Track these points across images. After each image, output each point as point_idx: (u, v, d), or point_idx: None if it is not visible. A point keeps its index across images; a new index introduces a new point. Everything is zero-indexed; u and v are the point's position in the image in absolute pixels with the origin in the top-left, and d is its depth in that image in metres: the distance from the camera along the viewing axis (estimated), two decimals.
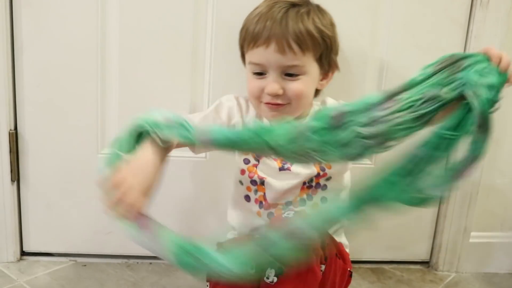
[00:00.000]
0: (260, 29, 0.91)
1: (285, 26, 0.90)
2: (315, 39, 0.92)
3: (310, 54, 0.93)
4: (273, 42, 0.90)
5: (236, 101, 1.04)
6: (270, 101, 0.94)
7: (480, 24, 1.23)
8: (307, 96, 0.96)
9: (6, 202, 1.23)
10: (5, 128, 1.19)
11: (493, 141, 1.29)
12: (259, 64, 0.94)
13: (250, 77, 0.97)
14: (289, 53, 0.90)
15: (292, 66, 0.92)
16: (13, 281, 1.19)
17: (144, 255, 1.32)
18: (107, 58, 1.19)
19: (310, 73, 0.95)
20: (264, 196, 1.00)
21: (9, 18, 1.14)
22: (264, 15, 0.92)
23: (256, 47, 0.93)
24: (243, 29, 0.98)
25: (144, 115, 0.84)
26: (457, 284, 1.33)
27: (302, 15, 0.92)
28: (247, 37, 0.95)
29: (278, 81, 0.93)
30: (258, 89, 0.95)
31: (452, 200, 1.33)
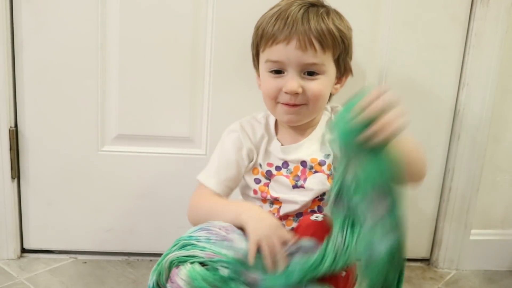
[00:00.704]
0: (280, 26, 0.90)
1: (307, 23, 0.89)
2: (335, 38, 0.91)
3: (329, 54, 0.92)
4: (294, 39, 0.89)
5: (239, 128, 1.00)
6: (288, 101, 0.92)
7: (481, 22, 1.23)
8: (324, 97, 0.95)
9: (7, 199, 1.23)
10: (6, 126, 1.19)
11: (494, 138, 1.31)
12: (278, 61, 0.91)
13: (266, 76, 0.95)
14: (310, 50, 0.89)
15: (312, 64, 0.90)
16: (14, 278, 1.19)
17: (144, 253, 1.32)
18: (107, 56, 1.19)
19: (329, 73, 0.93)
20: (278, 209, 0.98)
21: (9, 15, 1.14)
22: (284, 12, 0.91)
23: (275, 44, 0.90)
24: (259, 27, 0.95)
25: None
26: (457, 281, 1.33)
27: (322, 14, 0.91)
28: (266, 35, 0.92)
29: (297, 79, 0.91)
30: (275, 88, 0.92)
31: (452, 197, 1.33)
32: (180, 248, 0.84)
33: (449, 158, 1.32)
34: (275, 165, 0.99)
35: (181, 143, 1.26)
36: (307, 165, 0.97)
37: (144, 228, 1.30)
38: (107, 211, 1.28)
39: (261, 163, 0.99)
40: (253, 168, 1.00)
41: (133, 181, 1.27)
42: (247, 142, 0.99)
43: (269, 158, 0.99)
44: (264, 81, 0.96)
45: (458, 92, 1.28)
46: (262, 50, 0.94)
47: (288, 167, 0.98)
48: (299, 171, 0.97)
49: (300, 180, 0.97)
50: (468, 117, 1.28)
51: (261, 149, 1.00)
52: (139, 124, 1.24)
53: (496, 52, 1.24)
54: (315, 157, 0.97)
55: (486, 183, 1.34)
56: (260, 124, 1.02)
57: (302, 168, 0.97)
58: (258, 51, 0.97)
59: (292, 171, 0.98)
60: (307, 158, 0.97)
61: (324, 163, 0.97)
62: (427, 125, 1.30)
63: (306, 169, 0.97)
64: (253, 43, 0.98)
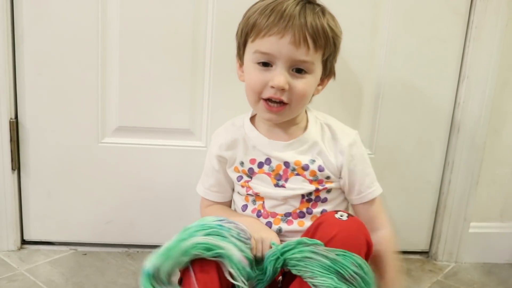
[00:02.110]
0: (276, 18, 0.87)
1: (304, 19, 0.87)
2: (328, 39, 0.89)
3: (320, 53, 0.90)
4: (289, 33, 0.86)
5: (217, 134, 1.04)
6: (273, 95, 0.89)
7: (481, 15, 1.23)
8: (307, 97, 0.93)
9: (7, 190, 1.23)
10: (6, 117, 1.19)
11: (494, 131, 1.31)
12: (269, 54, 0.88)
13: (252, 68, 0.91)
14: (304, 47, 0.87)
15: (302, 62, 0.88)
16: (14, 270, 1.19)
17: (144, 244, 1.32)
18: (107, 47, 1.19)
19: (315, 73, 0.92)
20: (263, 205, 0.99)
21: (9, 6, 1.14)
22: (279, 5, 0.88)
23: (268, 36, 0.87)
24: (251, 16, 0.91)
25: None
26: (456, 274, 1.33)
27: (318, 12, 0.89)
28: (258, 25, 0.88)
29: (285, 75, 0.88)
30: (261, 82, 0.90)
31: (452, 190, 1.33)
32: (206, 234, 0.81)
33: (448, 151, 1.33)
34: (258, 161, 0.98)
35: (181, 135, 1.26)
36: (290, 166, 0.96)
37: (144, 220, 1.30)
38: (107, 203, 1.28)
39: (243, 161, 0.99)
40: (234, 166, 1.00)
41: (133, 173, 1.27)
42: (222, 149, 1.00)
43: (252, 154, 0.98)
44: (249, 73, 0.93)
45: (458, 85, 1.28)
46: (251, 40, 0.91)
47: (270, 164, 0.97)
48: (281, 170, 0.97)
49: (281, 179, 0.97)
50: (467, 110, 1.28)
51: (240, 149, 0.99)
52: (140, 116, 1.24)
53: (496, 45, 1.24)
54: (299, 160, 0.96)
55: (486, 176, 1.35)
56: (234, 127, 1.02)
57: (284, 168, 0.97)
58: (246, 41, 0.93)
59: (274, 169, 0.97)
60: (291, 159, 0.96)
61: (307, 167, 0.95)
62: (427, 118, 1.30)
63: (288, 170, 0.96)
64: (241, 32, 0.94)
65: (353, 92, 1.27)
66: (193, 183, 1.09)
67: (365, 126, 1.29)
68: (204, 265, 0.81)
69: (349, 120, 1.27)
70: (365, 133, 1.29)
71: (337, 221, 0.84)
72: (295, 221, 0.98)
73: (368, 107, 1.28)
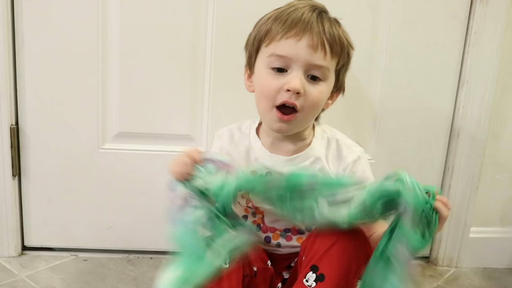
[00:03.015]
0: (294, 21, 0.85)
1: (321, 24, 0.86)
2: (343, 47, 0.89)
3: (335, 61, 0.89)
4: (307, 36, 0.85)
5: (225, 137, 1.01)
6: (288, 99, 0.86)
7: (480, 20, 1.23)
8: (319, 107, 0.91)
9: (7, 197, 1.23)
10: (7, 123, 1.19)
11: (493, 136, 1.31)
12: (285, 57, 0.86)
13: (266, 73, 0.89)
14: (321, 52, 0.85)
15: (319, 67, 0.86)
16: (15, 276, 1.19)
17: (144, 250, 1.32)
18: (108, 53, 1.20)
19: (329, 81, 0.90)
20: (262, 219, 0.98)
21: (10, 12, 1.14)
22: (297, 10, 0.87)
23: (286, 38, 0.85)
24: (264, 23, 0.89)
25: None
26: (456, 279, 1.33)
27: (334, 22, 0.89)
28: (275, 28, 0.86)
29: (301, 78, 0.86)
30: (275, 87, 0.87)
31: (452, 195, 1.33)
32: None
33: (448, 156, 1.33)
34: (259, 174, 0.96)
35: (181, 141, 1.26)
36: None
37: (144, 226, 1.30)
38: (108, 208, 1.29)
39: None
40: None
41: (133, 178, 1.27)
42: (223, 152, 0.98)
43: (254, 166, 0.96)
44: (263, 78, 0.90)
45: (457, 90, 1.29)
46: (266, 44, 0.88)
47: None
48: None
49: None
50: (467, 115, 1.28)
51: (242, 157, 0.97)
52: (140, 122, 1.25)
53: (495, 50, 1.25)
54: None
55: (486, 181, 1.35)
56: (240, 134, 1.00)
57: None
58: (259, 47, 0.91)
59: None
60: None
61: None
62: (427, 123, 1.30)
63: None
64: (254, 39, 0.92)
65: (353, 98, 1.27)
66: None
67: (365, 131, 1.29)
68: None
69: (349, 126, 1.28)
70: (365, 138, 1.29)
71: (336, 230, 0.82)
72: (294, 237, 0.97)
73: (367, 112, 1.28)
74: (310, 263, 0.82)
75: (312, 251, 0.83)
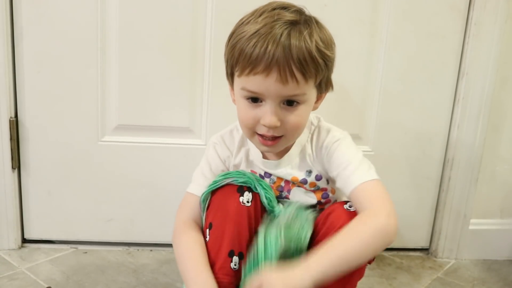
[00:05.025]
0: (260, 53, 0.80)
1: (289, 52, 0.79)
2: (318, 65, 0.83)
3: (312, 81, 0.84)
4: (274, 71, 0.80)
5: (220, 140, 1.00)
6: (266, 133, 0.86)
7: (480, 11, 1.23)
8: (303, 126, 0.89)
9: (7, 189, 1.23)
10: (6, 116, 1.19)
11: (493, 128, 1.31)
12: (256, 92, 0.83)
13: (242, 103, 0.87)
14: (292, 83, 0.81)
15: (293, 95, 0.83)
16: (15, 268, 1.19)
17: (144, 242, 1.32)
18: (107, 46, 1.19)
19: (309, 101, 0.87)
20: None
21: (9, 4, 1.14)
22: (264, 36, 0.80)
23: (253, 75, 0.81)
24: (235, 47, 0.84)
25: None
26: (456, 270, 1.33)
27: (305, 37, 0.81)
28: (243, 60, 0.82)
29: (276, 112, 0.84)
30: (252, 119, 0.86)
31: (451, 187, 1.33)
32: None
33: (448, 148, 1.33)
34: (258, 173, 0.97)
35: (181, 133, 1.26)
36: (290, 181, 0.96)
37: (144, 218, 1.30)
38: (108, 201, 1.29)
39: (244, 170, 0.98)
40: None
41: (133, 171, 1.27)
42: (226, 152, 0.99)
43: (252, 166, 0.98)
44: (240, 107, 0.89)
45: (457, 82, 1.28)
46: (238, 75, 0.85)
47: (271, 177, 0.97)
48: (282, 182, 0.96)
49: (284, 191, 0.96)
50: (467, 106, 1.28)
51: (242, 157, 0.98)
52: (139, 115, 1.24)
53: (495, 42, 1.24)
54: (295, 176, 0.94)
55: (485, 173, 1.35)
56: (238, 133, 1.00)
57: (285, 180, 0.96)
58: (232, 72, 0.88)
59: (275, 181, 0.96)
60: (288, 177, 0.95)
61: (305, 181, 0.94)
62: (427, 115, 1.30)
63: (290, 182, 0.96)
64: (228, 62, 0.88)
65: (352, 89, 1.27)
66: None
67: (365, 122, 1.29)
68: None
69: (349, 117, 1.28)
70: (365, 129, 1.29)
71: (345, 212, 0.84)
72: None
73: (367, 103, 1.28)
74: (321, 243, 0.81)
75: (321, 233, 0.85)
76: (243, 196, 0.88)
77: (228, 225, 0.87)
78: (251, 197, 0.88)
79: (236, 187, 0.89)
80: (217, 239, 0.87)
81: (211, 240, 0.88)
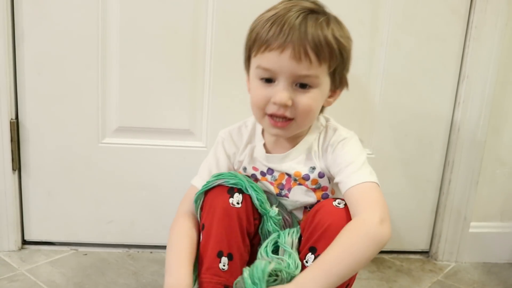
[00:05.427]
0: (275, 32, 0.83)
1: (304, 32, 0.82)
2: (333, 50, 0.85)
3: (325, 66, 0.86)
4: (289, 48, 0.82)
5: (228, 135, 1.01)
6: (276, 111, 0.87)
7: (481, 15, 1.23)
8: (314, 112, 0.90)
9: (8, 191, 1.23)
10: (6, 117, 1.19)
11: (494, 131, 1.31)
12: (270, 69, 0.86)
13: (256, 83, 0.89)
14: (305, 61, 0.83)
15: (305, 76, 0.85)
16: (15, 270, 1.19)
17: (144, 244, 1.32)
18: (108, 47, 1.19)
19: (322, 86, 0.88)
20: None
21: (10, 6, 1.14)
22: (280, 17, 0.84)
23: (268, 51, 0.84)
24: (253, 30, 0.88)
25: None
26: (456, 273, 1.33)
27: (322, 23, 0.84)
28: (259, 39, 0.86)
29: (288, 90, 0.85)
30: (264, 98, 0.87)
31: (452, 190, 1.33)
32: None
33: (448, 151, 1.33)
34: (260, 170, 0.98)
35: (181, 135, 1.26)
36: (292, 177, 0.96)
37: (144, 220, 1.30)
38: (108, 203, 1.29)
39: (246, 167, 0.99)
40: (237, 170, 1.01)
41: (133, 173, 1.27)
42: (233, 148, 1.00)
43: (255, 163, 0.99)
44: (253, 88, 0.91)
45: (458, 85, 1.29)
46: (254, 55, 0.88)
47: (272, 174, 0.97)
48: (284, 180, 0.96)
49: (284, 189, 0.96)
50: (468, 109, 1.28)
51: (246, 154, 0.99)
52: (140, 117, 1.24)
53: (496, 45, 1.24)
54: (299, 171, 0.94)
55: (486, 176, 1.35)
56: (247, 130, 1.01)
57: (287, 177, 0.96)
58: (250, 55, 0.91)
59: (277, 178, 0.97)
60: (291, 171, 0.95)
61: (308, 177, 0.94)
62: (427, 117, 1.30)
63: (291, 179, 0.96)
64: (246, 46, 0.92)
65: (353, 92, 1.26)
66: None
67: (365, 125, 1.29)
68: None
69: (349, 120, 1.27)
70: (365, 132, 1.29)
71: (333, 209, 0.84)
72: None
73: (367, 106, 1.28)
74: (308, 244, 0.84)
75: (309, 231, 0.85)
76: (233, 198, 0.89)
77: (215, 226, 0.88)
78: (241, 198, 0.89)
79: (227, 188, 0.90)
80: (207, 240, 0.89)
81: (203, 240, 0.90)
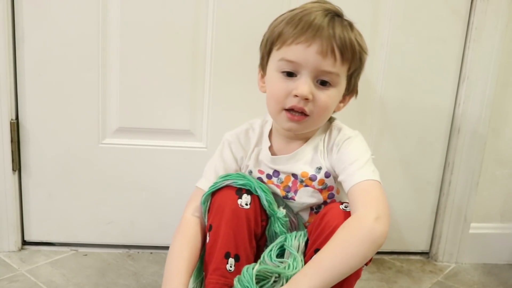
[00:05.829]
0: (305, 26, 0.85)
1: (332, 30, 0.85)
2: (355, 53, 0.88)
3: (346, 67, 0.88)
4: (317, 43, 0.84)
5: (235, 137, 1.01)
6: (296, 104, 0.87)
7: (481, 16, 1.23)
8: (329, 111, 0.91)
9: (8, 191, 1.23)
10: (7, 118, 1.19)
11: (494, 132, 1.31)
12: (295, 62, 0.86)
13: (276, 76, 0.89)
14: (330, 58, 0.85)
15: (328, 73, 0.86)
16: (15, 270, 1.19)
17: (145, 245, 1.32)
18: (108, 48, 1.19)
19: (340, 87, 0.90)
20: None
21: (10, 6, 1.14)
22: (308, 15, 0.86)
23: (295, 44, 0.85)
24: (278, 24, 0.89)
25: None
26: (456, 274, 1.33)
27: (347, 26, 0.88)
28: (286, 33, 0.87)
29: (310, 84, 0.86)
30: (284, 91, 0.88)
31: (452, 191, 1.33)
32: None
33: (449, 152, 1.33)
34: (266, 173, 0.98)
35: (181, 136, 1.26)
36: (298, 178, 0.95)
37: (144, 221, 1.30)
38: (108, 203, 1.29)
39: (252, 170, 0.99)
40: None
41: (134, 174, 1.27)
42: (240, 152, 1.00)
43: (260, 166, 0.98)
44: (273, 82, 0.91)
45: (458, 86, 1.29)
46: (277, 48, 0.89)
47: (278, 176, 0.97)
48: (290, 182, 0.96)
49: (290, 191, 0.96)
50: (468, 111, 1.28)
51: (252, 157, 0.99)
52: (140, 117, 1.24)
53: (496, 46, 1.24)
54: (305, 171, 0.94)
55: (486, 177, 1.35)
56: (254, 133, 1.01)
57: (293, 179, 0.96)
58: (270, 50, 0.91)
59: (283, 180, 0.96)
60: (298, 171, 0.95)
61: (315, 178, 0.94)
62: (427, 119, 1.30)
63: (297, 181, 0.95)
64: (266, 41, 0.92)
65: None
66: (193, 183, 1.09)
67: (365, 126, 1.29)
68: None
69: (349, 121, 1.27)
70: (365, 133, 1.29)
71: (340, 212, 0.84)
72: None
73: (368, 107, 1.28)
74: (314, 246, 0.84)
75: (316, 233, 0.85)
76: (241, 199, 0.89)
77: (223, 227, 0.88)
78: (250, 199, 0.89)
79: (235, 189, 0.90)
80: (214, 241, 0.88)
81: (210, 241, 0.89)
